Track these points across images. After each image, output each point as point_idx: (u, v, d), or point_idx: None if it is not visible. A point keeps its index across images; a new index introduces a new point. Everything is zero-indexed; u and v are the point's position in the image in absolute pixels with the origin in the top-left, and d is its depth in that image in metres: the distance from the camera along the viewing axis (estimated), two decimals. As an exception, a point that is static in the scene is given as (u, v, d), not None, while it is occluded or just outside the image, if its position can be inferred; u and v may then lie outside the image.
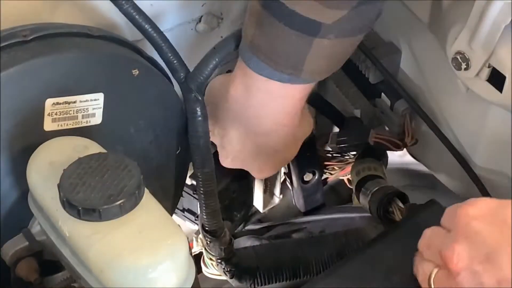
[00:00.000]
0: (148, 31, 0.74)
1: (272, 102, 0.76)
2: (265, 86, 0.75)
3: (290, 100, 0.77)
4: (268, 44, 0.71)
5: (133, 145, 0.77)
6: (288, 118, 0.79)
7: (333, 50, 0.71)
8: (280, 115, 0.78)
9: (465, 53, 0.73)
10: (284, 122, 0.79)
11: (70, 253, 0.63)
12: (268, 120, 0.78)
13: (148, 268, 0.59)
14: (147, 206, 0.62)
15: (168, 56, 0.75)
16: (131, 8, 0.72)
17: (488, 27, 0.70)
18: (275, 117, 0.78)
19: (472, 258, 0.58)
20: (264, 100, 0.76)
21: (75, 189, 0.61)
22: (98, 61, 0.72)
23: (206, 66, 0.75)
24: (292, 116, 0.79)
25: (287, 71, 0.72)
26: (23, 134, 0.69)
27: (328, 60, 0.73)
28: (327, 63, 0.73)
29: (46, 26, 0.71)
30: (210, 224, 0.82)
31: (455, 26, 0.74)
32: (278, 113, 0.77)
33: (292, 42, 0.69)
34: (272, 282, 0.87)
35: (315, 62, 0.71)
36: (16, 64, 0.68)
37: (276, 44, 0.70)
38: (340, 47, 0.72)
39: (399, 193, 0.85)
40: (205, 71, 0.75)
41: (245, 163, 0.85)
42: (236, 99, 0.78)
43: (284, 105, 0.77)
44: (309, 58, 0.70)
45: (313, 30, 0.68)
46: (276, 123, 0.79)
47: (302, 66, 0.71)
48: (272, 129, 0.79)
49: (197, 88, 0.75)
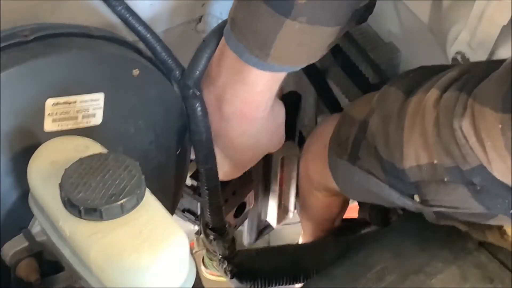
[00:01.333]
0: (141, 32, 0.74)
1: (234, 84, 0.74)
2: (232, 66, 0.73)
3: (250, 88, 0.74)
4: (244, 19, 0.69)
5: (133, 145, 0.77)
6: (248, 108, 0.76)
7: (304, 38, 0.69)
8: (239, 101, 0.76)
9: (465, 53, 0.73)
10: (243, 110, 0.76)
11: (70, 253, 0.63)
12: (228, 105, 0.76)
13: (149, 268, 0.59)
14: (148, 206, 0.62)
15: (162, 56, 0.75)
16: (124, 10, 0.72)
17: (488, 27, 0.70)
18: (234, 102, 0.76)
19: None
20: (228, 81, 0.75)
21: (76, 188, 0.61)
22: (98, 61, 0.72)
23: (199, 60, 0.75)
24: (252, 108, 0.76)
25: (254, 52, 0.70)
26: (24, 134, 0.69)
27: (299, 48, 0.70)
28: (298, 53, 0.71)
29: (46, 26, 0.72)
30: (214, 221, 0.82)
31: (455, 26, 0.74)
32: (238, 98, 0.75)
33: (264, 19, 0.68)
34: (273, 284, 0.87)
35: (284, 48, 0.69)
36: (16, 64, 0.68)
37: (251, 20, 0.69)
38: (312, 35, 0.69)
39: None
40: (199, 66, 0.75)
41: None
42: (208, 74, 0.76)
43: (244, 92, 0.75)
44: (278, 42, 0.68)
45: (285, 9, 0.66)
46: (235, 110, 0.76)
47: (269, 50, 0.69)
48: (231, 115, 0.77)
49: (194, 84, 0.75)
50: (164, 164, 0.82)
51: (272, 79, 0.74)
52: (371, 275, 0.69)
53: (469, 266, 0.69)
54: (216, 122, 0.78)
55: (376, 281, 0.68)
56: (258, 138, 0.80)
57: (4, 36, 0.69)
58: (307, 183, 0.85)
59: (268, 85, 0.74)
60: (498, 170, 0.58)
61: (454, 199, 0.64)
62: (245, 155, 0.83)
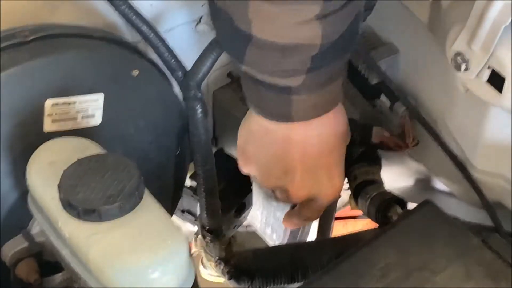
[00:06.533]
0: (145, 31, 0.74)
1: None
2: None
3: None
4: (255, 99, 0.73)
5: (133, 146, 0.77)
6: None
7: (314, 101, 0.72)
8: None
9: (464, 54, 0.73)
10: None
11: (70, 253, 0.63)
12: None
13: (148, 268, 0.59)
14: (147, 207, 0.62)
15: (165, 56, 0.75)
16: (128, 9, 0.72)
17: (488, 28, 0.70)
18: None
19: None
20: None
21: (75, 189, 0.61)
22: (98, 62, 0.72)
23: (204, 62, 0.75)
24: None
25: (278, 119, 0.73)
26: (23, 134, 0.69)
27: (314, 108, 0.73)
28: (314, 110, 0.73)
29: (46, 27, 0.72)
30: (210, 223, 0.82)
31: (455, 26, 0.74)
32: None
33: (274, 98, 0.71)
34: (270, 285, 0.86)
35: (301, 112, 0.72)
36: (16, 65, 0.68)
37: (262, 100, 0.72)
38: (318, 97, 0.72)
39: (397, 199, 0.85)
40: (203, 68, 0.75)
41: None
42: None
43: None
44: (294, 109, 0.71)
45: (286, 91, 0.69)
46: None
47: (290, 114, 0.72)
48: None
49: (196, 86, 0.75)
50: (164, 164, 0.82)
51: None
52: (375, 272, 0.69)
53: (473, 263, 0.69)
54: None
55: (380, 278, 0.68)
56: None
57: (4, 36, 0.70)
58: None
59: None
60: None
61: None
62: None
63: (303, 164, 0.76)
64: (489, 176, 0.81)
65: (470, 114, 0.80)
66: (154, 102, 0.77)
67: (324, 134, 0.76)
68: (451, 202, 0.96)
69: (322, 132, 0.75)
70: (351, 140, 0.84)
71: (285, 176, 0.77)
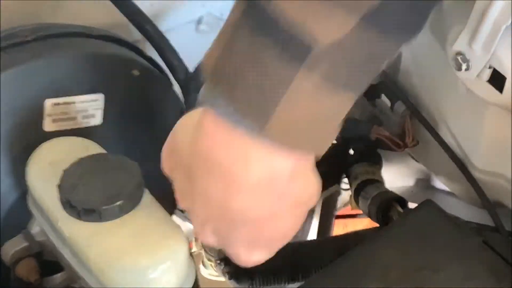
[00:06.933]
0: (148, 31, 0.74)
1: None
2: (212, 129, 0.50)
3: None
4: (233, 70, 0.47)
5: (133, 146, 0.77)
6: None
7: (308, 111, 0.49)
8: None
9: (465, 54, 0.73)
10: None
11: (70, 253, 0.63)
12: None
13: (148, 268, 0.59)
14: (147, 207, 0.62)
15: (168, 57, 0.75)
16: (131, 9, 0.72)
17: (489, 28, 0.70)
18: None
19: None
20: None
21: (75, 189, 0.61)
22: (98, 62, 0.72)
23: None
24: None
25: (249, 114, 0.47)
26: (23, 134, 0.69)
27: (297, 124, 0.48)
28: (296, 130, 0.48)
29: (46, 26, 0.72)
30: None
31: (455, 26, 0.74)
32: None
33: (266, 70, 0.47)
34: (271, 284, 0.86)
35: (283, 122, 0.48)
36: (16, 65, 0.68)
37: (244, 70, 0.46)
38: (325, 103, 0.50)
39: (398, 198, 0.85)
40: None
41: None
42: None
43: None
44: (281, 107, 0.47)
45: (301, 54, 0.46)
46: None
47: (272, 110, 0.47)
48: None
49: (197, 89, 0.75)
50: (164, 164, 0.81)
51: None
52: (375, 271, 0.69)
53: (474, 263, 0.69)
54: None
55: (380, 277, 0.68)
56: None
57: (4, 36, 0.70)
58: None
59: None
60: None
61: None
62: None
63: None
64: (490, 175, 0.81)
65: (470, 113, 0.80)
66: (154, 102, 0.77)
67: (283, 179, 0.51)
68: (452, 202, 0.96)
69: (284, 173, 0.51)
70: (351, 139, 0.84)
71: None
